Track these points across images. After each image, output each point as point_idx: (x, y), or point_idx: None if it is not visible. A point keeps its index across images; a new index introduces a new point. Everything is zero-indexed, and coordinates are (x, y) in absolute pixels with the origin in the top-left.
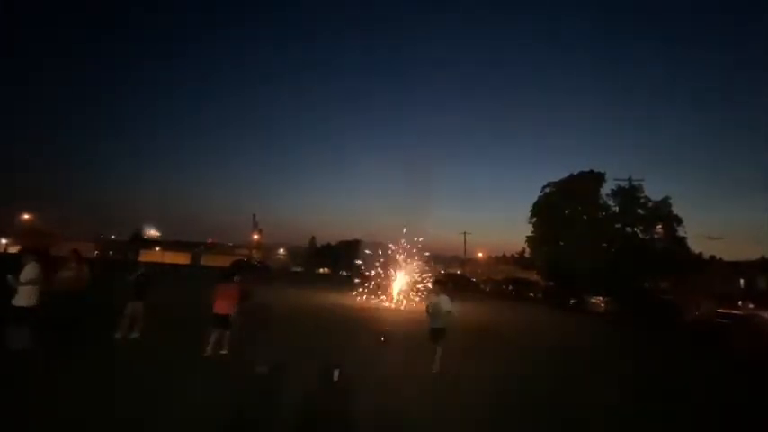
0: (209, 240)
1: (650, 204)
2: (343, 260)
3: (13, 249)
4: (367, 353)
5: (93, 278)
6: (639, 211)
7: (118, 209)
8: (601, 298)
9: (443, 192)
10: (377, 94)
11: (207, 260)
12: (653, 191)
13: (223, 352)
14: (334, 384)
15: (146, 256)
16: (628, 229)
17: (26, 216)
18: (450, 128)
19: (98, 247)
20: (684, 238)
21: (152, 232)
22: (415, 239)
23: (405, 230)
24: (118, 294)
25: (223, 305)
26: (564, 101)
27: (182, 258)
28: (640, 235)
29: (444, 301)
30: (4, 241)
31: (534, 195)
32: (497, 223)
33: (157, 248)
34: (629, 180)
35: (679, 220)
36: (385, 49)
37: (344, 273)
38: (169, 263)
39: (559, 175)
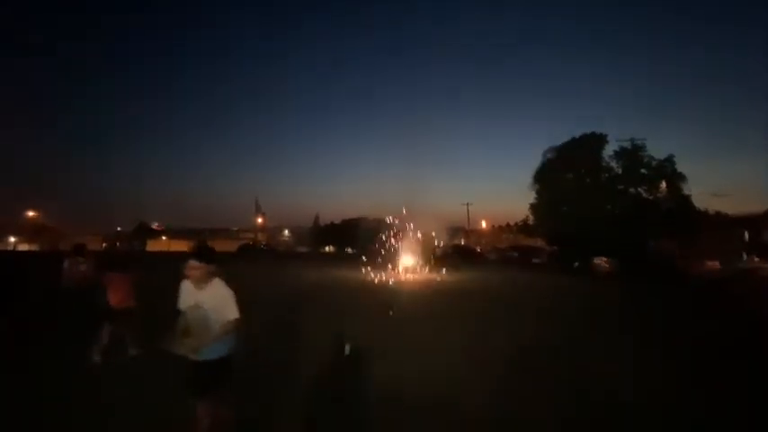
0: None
1: (654, 164)
2: (347, 238)
3: (23, 247)
4: (376, 326)
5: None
6: (643, 170)
7: (121, 201)
8: (604, 259)
9: (445, 163)
10: (375, 67)
11: (213, 246)
12: (656, 150)
13: (133, 352)
14: (346, 358)
15: (152, 246)
16: (631, 190)
17: (31, 213)
18: (448, 97)
19: (105, 240)
20: (689, 195)
21: (156, 224)
22: (417, 213)
23: (404, 210)
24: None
25: (119, 297)
26: (563, 63)
27: (188, 246)
28: (644, 195)
29: (219, 298)
30: (12, 239)
31: (536, 162)
32: (500, 193)
33: (163, 237)
34: (632, 140)
35: (683, 178)
36: (384, 19)
37: (349, 250)
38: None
39: (561, 140)
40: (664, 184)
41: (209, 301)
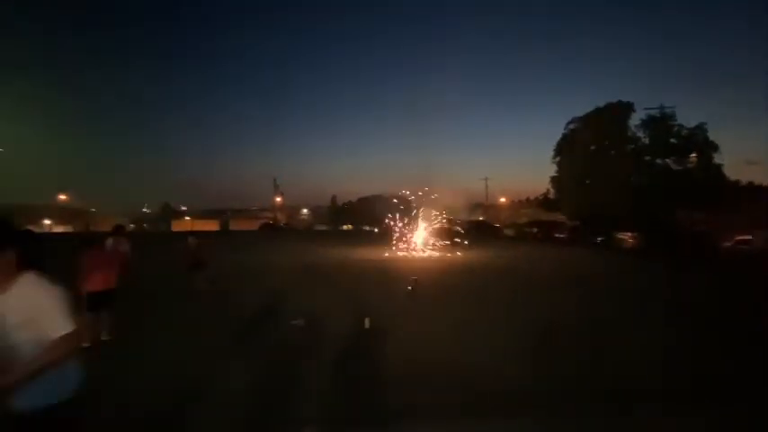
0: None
1: (684, 132)
2: (364, 216)
3: (58, 230)
4: (395, 302)
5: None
6: (672, 140)
7: (147, 183)
8: (629, 234)
9: (463, 138)
10: (391, 43)
11: (235, 225)
12: (687, 118)
13: (104, 339)
14: (366, 332)
15: (176, 226)
16: (659, 161)
17: (62, 196)
18: (467, 70)
19: (133, 222)
20: (721, 165)
21: (181, 207)
22: (434, 189)
23: (421, 187)
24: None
25: (99, 280)
26: (584, 31)
27: (211, 225)
28: (673, 166)
29: (32, 306)
30: (47, 222)
31: (557, 136)
32: (520, 167)
33: (187, 218)
34: (660, 108)
35: (715, 147)
36: None
37: (367, 228)
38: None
39: (583, 111)
40: (694, 155)
41: (14, 311)
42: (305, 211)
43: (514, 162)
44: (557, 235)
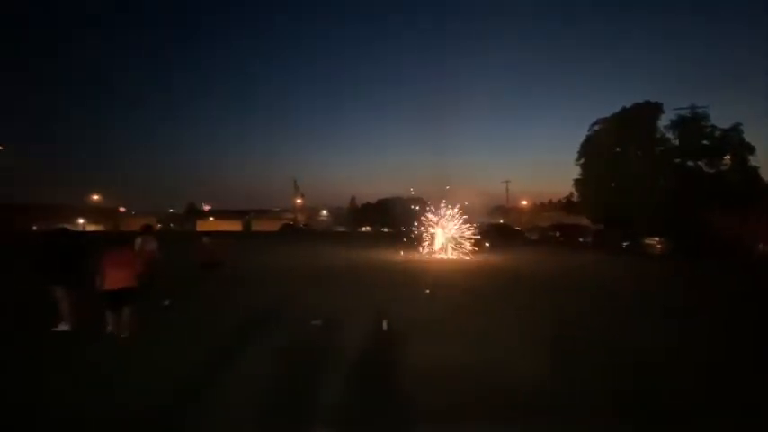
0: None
1: (717, 133)
2: (383, 218)
3: (90, 228)
4: (413, 304)
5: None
6: (704, 142)
7: (173, 184)
8: (657, 239)
9: (483, 140)
10: (411, 45)
11: (257, 226)
12: (720, 118)
13: (123, 335)
14: (383, 334)
15: (201, 226)
16: (690, 163)
17: (95, 197)
18: (487, 71)
19: (159, 221)
20: (757, 167)
21: (205, 206)
22: (453, 192)
23: (440, 189)
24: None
25: (118, 277)
26: (610, 29)
27: (234, 226)
28: (705, 168)
29: None
30: (81, 221)
31: (580, 138)
32: (541, 170)
33: (211, 218)
34: (692, 108)
35: (751, 149)
36: None
37: (385, 230)
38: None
39: (608, 112)
40: (728, 156)
41: None
42: (324, 212)
43: (535, 164)
44: (580, 239)
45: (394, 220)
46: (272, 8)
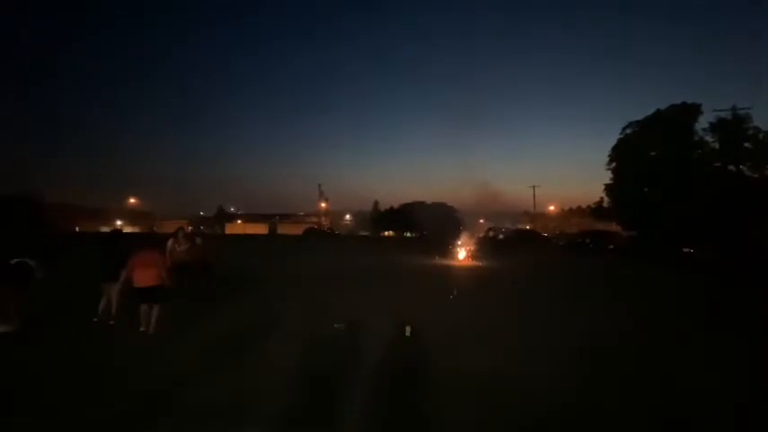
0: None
1: (761, 136)
2: (406, 222)
3: (127, 230)
4: (437, 309)
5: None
6: (747, 144)
7: (204, 188)
8: (695, 247)
9: (511, 145)
10: (435, 46)
11: (282, 229)
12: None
13: (141, 329)
14: (406, 339)
15: (229, 229)
16: (731, 168)
17: (132, 200)
18: (514, 74)
19: (191, 224)
20: None
21: (232, 209)
22: (478, 197)
23: (465, 195)
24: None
25: (145, 276)
26: (639, 31)
27: (261, 229)
28: (747, 173)
29: None
30: (119, 223)
31: (610, 142)
32: (569, 175)
33: (239, 221)
34: (733, 109)
35: None
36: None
37: (409, 234)
38: (250, 233)
39: (639, 115)
40: None
41: None
42: (348, 216)
43: (564, 169)
44: (611, 246)
45: (417, 224)
46: (298, 13)
